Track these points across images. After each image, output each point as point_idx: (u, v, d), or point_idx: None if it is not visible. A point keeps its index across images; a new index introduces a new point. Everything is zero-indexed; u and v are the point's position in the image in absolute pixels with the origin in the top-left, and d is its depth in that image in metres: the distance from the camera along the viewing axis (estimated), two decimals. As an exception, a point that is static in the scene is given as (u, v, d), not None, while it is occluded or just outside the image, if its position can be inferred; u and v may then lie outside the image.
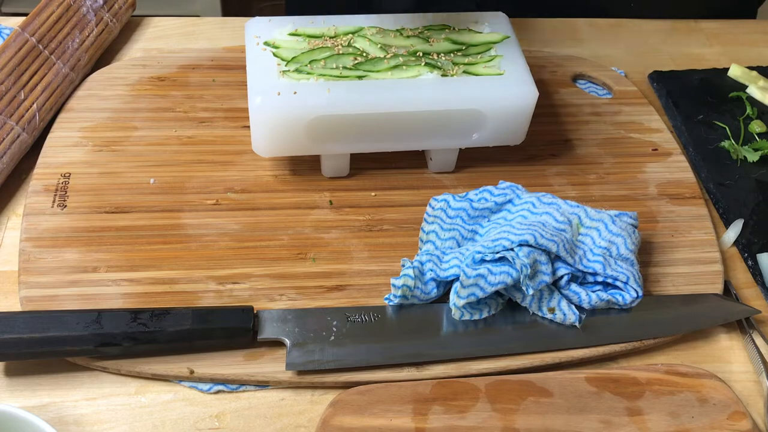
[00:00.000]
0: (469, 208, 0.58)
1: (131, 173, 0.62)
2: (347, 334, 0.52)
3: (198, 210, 0.60)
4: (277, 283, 0.56)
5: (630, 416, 0.49)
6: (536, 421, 0.49)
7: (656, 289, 0.58)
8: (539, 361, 0.53)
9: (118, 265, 0.56)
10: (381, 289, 0.56)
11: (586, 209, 0.58)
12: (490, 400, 0.49)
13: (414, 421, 0.48)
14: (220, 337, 0.51)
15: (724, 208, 0.65)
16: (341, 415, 0.48)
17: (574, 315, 0.54)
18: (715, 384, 0.52)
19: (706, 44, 0.84)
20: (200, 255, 0.57)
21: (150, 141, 0.65)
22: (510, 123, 0.61)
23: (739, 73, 0.77)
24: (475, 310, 0.54)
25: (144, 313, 0.50)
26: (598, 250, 0.56)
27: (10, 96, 0.63)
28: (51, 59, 0.67)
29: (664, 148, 0.70)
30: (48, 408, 0.49)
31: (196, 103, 0.69)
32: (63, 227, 0.57)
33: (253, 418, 0.50)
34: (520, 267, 0.51)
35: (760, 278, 0.60)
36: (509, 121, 0.61)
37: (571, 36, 0.82)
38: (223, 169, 0.63)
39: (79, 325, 0.49)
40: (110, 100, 0.68)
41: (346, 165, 0.63)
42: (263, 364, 0.51)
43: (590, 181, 0.66)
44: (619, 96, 0.74)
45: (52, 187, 0.60)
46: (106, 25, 0.73)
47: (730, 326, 0.57)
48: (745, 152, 0.69)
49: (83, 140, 0.64)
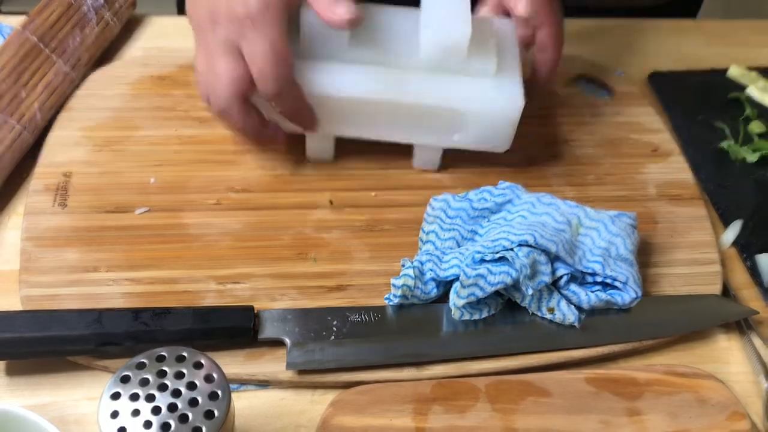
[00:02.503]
0: (469, 208, 0.59)
1: (132, 173, 0.62)
2: (347, 334, 0.52)
3: (199, 209, 0.60)
4: (278, 282, 0.56)
5: (629, 416, 0.50)
6: (536, 421, 0.49)
7: (655, 289, 0.59)
8: (539, 361, 0.53)
9: (119, 264, 0.56)
10: (381, 289, 0.56)
11: (585, 210, 0.58)
12: (490, 400, 0.49)
13: (414, 421, 0.48)
14: (220, 336, 0.51)
15: (723, 209, 0.65)
16: (341, 414, 0.48)
17: (573, 315, 0.54)
18: (714, 384, 0.52)
19: (706, 45, 0.84)
20: (201, 254, 0.57)
21: (151, 140, 0.65)
22: (492, 128, 0.60)
23: (739, 74, 0.77)
24: (474, 310, 0.54)
25: (145, 313, 0.50)
26: (597, 251, 0.56)
27: (11, 95, 0.63)
28: (52, 58, 0.67)
29: (664, 149, 0.70)
30: (49, 407, 0.49)
31: (197, 103, 0.69)
32: (64, 226, 0.58)
33: (253, 417, 0.50)
34: (519, 267, 0.52)
35: (759, 279, 0.60)
36: (492, 126, 0.60)
37: (570, 37, 0.82)
38: (224, 168, 0.63)
39: (80, 324, 0.49)
40: (111, 99, 0.68)
41: (331, 150, 0.64)
42: (264, 363, 0.51)
43: (589, 181, 0.66)
44: (618, 97, 0.74)
45: (52, 186, 0.60)
46: (107, 23, 0.73)
47: (729, 327, 0.57)
48: (745, 153, 0.69)
49: (84, 139, 0.64)
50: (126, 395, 0.39)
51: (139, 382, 0.39)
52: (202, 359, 0.41)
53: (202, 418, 0.38)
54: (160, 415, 0.38)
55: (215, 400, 0.39)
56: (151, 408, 0.38)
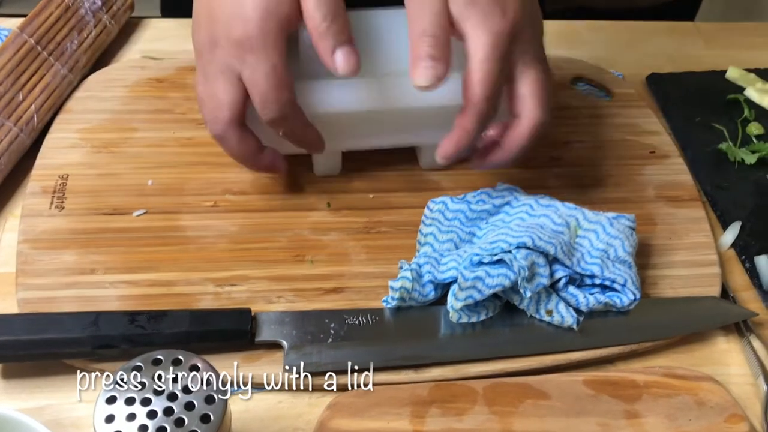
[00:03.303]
0: (467, 210, 0.58)
1: (129, 175, 0.62)
2: (345, 337, 0.52)
3: (196, 212, 0.60)
4: (275, 285, 0.56)
5: (628, 419, 0.49)
6: (534, 424, 0.49)
7: (654, 291, 0.58)
8: (537, 363, 0.53)
9: (116, 267, 0.55)
10: (379, 291, 0.56)
11: (584, 211, 0.58)
12: (487, 403, 0.49)
13: (412, 424, 0.48)
14: (217, 339, 0.51)
15: (722, 211, 0.65)
16: (338, 417, 0.48)
17: (571, 317, 0.54)
18: (713, 387, 0.52)
19: (704, 46, 0.84)
20: (198, 257, 0.57)
21: (148, 142, 0.65)
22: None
23: (737, 75, 0.77)
24: (472, 312, 0.54)
25: (141, 316, 0.50)
26: (595, 253, 0.56)
27: (8, 97, 0.63)
28: (49, 60, 0.67)
29: (662, 151, 0.70)
30: (45, 410, 0.49)
31: (194, 105, 0.68)
32: (61, 229, 0.57)
33: (250, 420, 0.50)
34: (517, 269, 0.52)
35: (758, 281, 0.60)
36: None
37: (569, 38, 0.82)
38: (221, 170, 0.63)
39: (77, 327, 0.49)
40: (109, 101, 0.68)
41: (338, 163, 0.63)
42: (261, 366, 0.51)
43: (588, 183, 0.66)
44: (617, 98, 0.74)
45: (50, 188, 0.60)
46: (104, 26, 0.73)
47: (728, 329, 0.57)
48: (743, 154, 0.69)
49: (81, 142, 0.64)
50: (122, 399, 0.39)
51: (135, 385, 0.39)
52: (198, 362, 0.40)
53: (199, 422, 0.38)
54: (156, 419, 0.38)
55: (212, 403, 0.39)
56: (147, 412, 0.38)
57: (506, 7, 0.51)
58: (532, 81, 0.53)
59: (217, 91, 0.53)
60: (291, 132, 0.55)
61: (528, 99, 0.53)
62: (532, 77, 0.53)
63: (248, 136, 0.56)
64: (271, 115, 0.53)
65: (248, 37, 0.50)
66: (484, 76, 0.51)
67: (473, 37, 0.51)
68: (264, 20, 0.50)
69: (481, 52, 0.51)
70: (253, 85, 0.52)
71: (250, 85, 0.52)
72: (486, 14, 0.51)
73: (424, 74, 0.50)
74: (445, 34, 0.51)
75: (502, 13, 0.51)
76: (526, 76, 0.53)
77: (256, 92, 0.52)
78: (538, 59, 0.54)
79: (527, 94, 0.53)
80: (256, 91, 0.52)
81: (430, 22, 0.50)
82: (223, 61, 0.52)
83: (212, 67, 0.53)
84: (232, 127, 0.54)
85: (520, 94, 0.54)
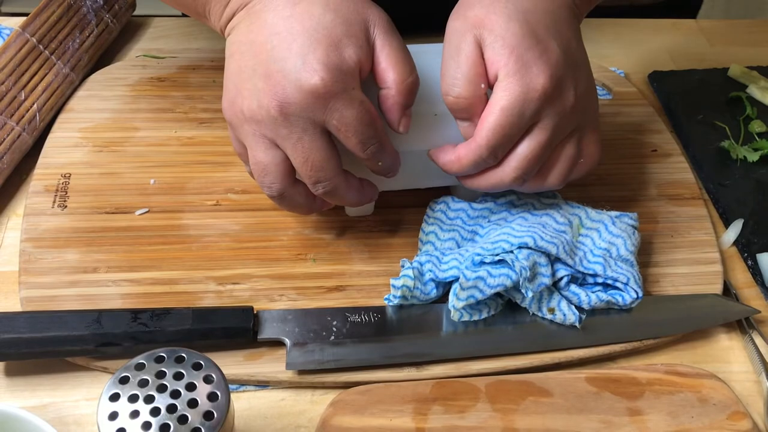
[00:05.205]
0: (469, 209, 0.58)
1: (131, 174, 0.62)
2: (347, 334, 0.52)
3: (198, 210, 0.60)
4: (277, 283, 0.56)
5: (630, 416, 0.49)
6: (536, 421, 0.49)
7: (656, 289, 0.58)
8: (539, 361, 0.53)
9: (119, 265, 0.56)
10: (381, 289, 0.56)
11: (586, 210, 0.58)
12: (490, 400, 0.49)
13: (414, 421, 0.48)
14: (220, 337, 0.51)
15: (724, 208, 0.65)
16: (341, 415, 0.48)
17: (574, 315, 0.54)
18: (715, 384, 0.52)
19: (706, 44, 0.84)
20: (200, 255, 0.57)
21: (150, 141, 0.65)
22: None
23: (739, 73, 0.77)
24: (474, 310, 0.54)
25: (144, 313, 0.50)
26: (598, 252, 0.56)
27: (11, 96, 0.63)
28: (51, 59, 0.67)
29: (664, 149, 0.70)
30: (48, 408, 0.49)
31: (196, 104, 0.69)
32: (63, 227, 0.58)
33: (253, 418, 0.50)
34: (519, 270, 0.51)
35: (760, 278, 0.60)
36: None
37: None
38: (223, 169, 0.63)
39: (80, 325, 0.49)
40: (110, 100, 0.68)
41: (373, 203, 0.60)
42: (263, 364, 0.51)
43: (590, 181, 0.66)
44: (618, 97, 0.74)
45: (52, 187, 0.60)
46: (106, 25, 0.73)
47: (730, 326, 0.57)
48: (745, 152, 0.69)
49: (83, 141, 0.64)
50: (125, 396, 0.39)
51: (138, 383, 0.39)
52: (201, 360, 0.41)
53: (202, 419, 0.38)
54: (159, 417, 0.38)
55: (214, 401, 0.39)
56: (150, 409, 0.38)
57: (549, 56, 0.49)
58: (566, 158, 0.54)
59: (304, 150, 0.49)
60: (387, 159, 0.52)
61: (555, 174, 0.54)
62: (567, 154, 0.54)
63: (300, 186, 0.53)
64: (373, 150, 0.50)
65: (326, 87, 0.47)
66: (496, 125, 0.50)
67: (503, 84, 0.49)
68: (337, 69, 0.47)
69: (506, 100, 0.49)
70: (347, 127, 0.48)
71: (344, 129, 0.48)
72: (524, 63, 0.49)
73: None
74: (473, 88, 0.50)
75: (542, 64, 0.49)
76: (561, 151, 0.54)
77: (351, 132, 0.49)
78: (579, 136, 0.54)
79: (557, 172, 0.54)
80: (351, 131, 0.49)
81: (459, 75, 0.50)
82: (302, 117, 0.48)
83: (283, 131, 0.48)
84: (338, 176, 0.51)
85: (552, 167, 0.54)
